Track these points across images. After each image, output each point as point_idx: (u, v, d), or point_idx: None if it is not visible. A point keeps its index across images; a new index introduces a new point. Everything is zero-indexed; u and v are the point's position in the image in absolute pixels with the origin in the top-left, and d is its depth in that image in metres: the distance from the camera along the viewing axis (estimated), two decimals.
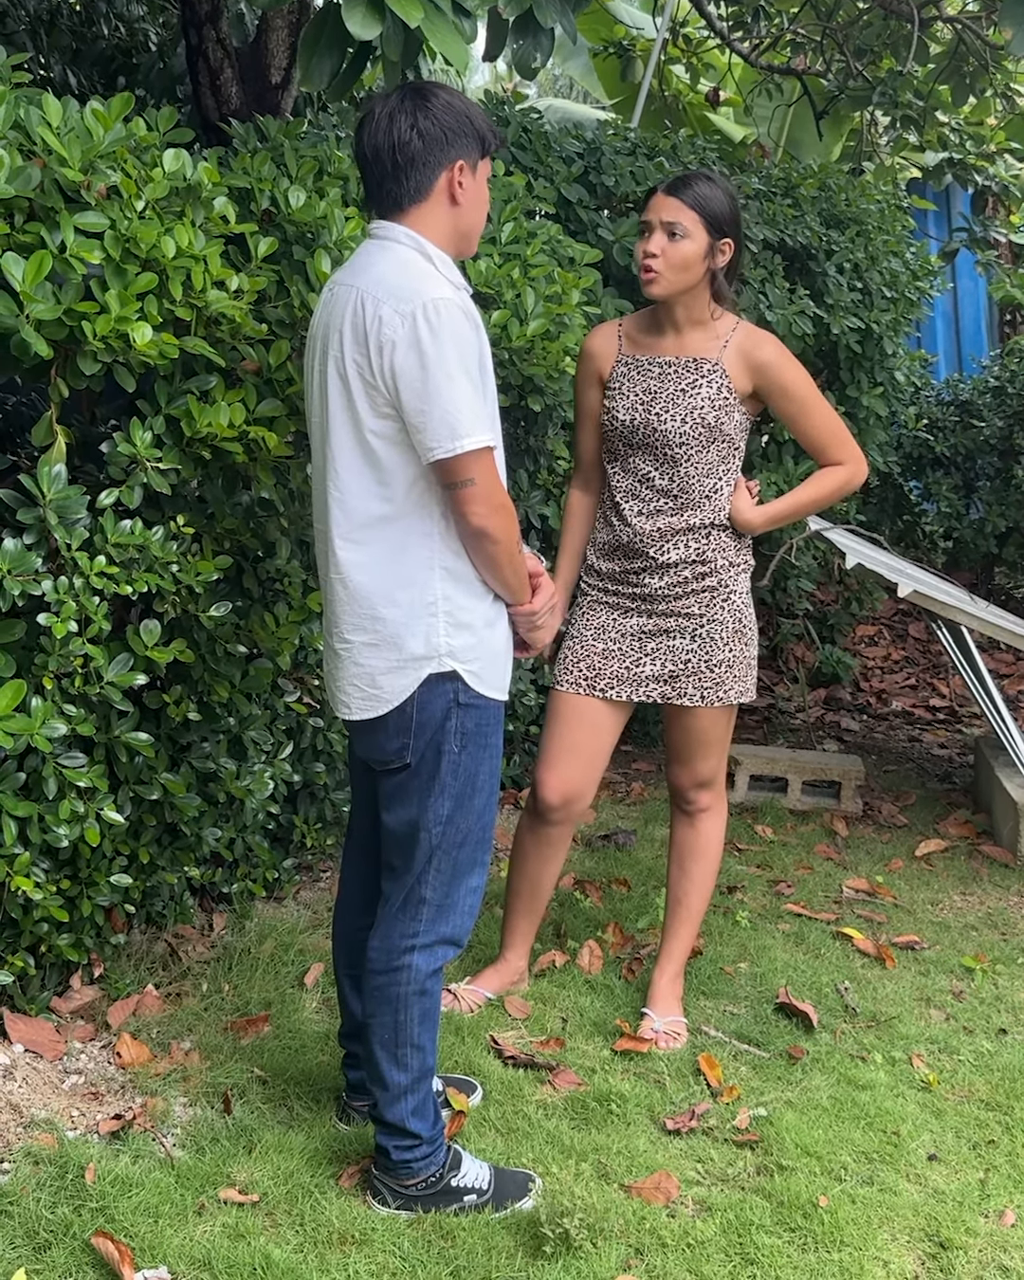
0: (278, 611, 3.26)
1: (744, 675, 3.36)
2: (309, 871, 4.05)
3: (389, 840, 2.66)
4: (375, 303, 2.43)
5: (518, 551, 2.54)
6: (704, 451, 3.23)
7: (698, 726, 3.36)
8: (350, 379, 2.46)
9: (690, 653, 3.30)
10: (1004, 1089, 3.21)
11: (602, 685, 3.33)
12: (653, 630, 3.31)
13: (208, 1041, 3.15)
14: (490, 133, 2.61)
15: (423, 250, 2.52)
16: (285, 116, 4.88)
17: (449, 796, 2.58)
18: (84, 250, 2.57)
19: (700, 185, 3.18)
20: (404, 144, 2.50)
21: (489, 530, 2.47)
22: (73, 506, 2.69)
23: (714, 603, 3.30)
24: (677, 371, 3.25)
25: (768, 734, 5.85)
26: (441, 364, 2.39)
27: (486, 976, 3.51)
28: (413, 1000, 2.63)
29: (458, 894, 2.65)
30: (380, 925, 2.66)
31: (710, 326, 3.27)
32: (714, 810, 3.47)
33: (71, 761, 2.83)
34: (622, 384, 3.29)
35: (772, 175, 5.49)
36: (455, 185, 2.54)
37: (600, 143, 4.93)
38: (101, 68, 6.35)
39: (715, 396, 3.22)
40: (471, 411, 2.42)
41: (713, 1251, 2.61)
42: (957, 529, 6.88)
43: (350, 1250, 2.54)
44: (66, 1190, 2.59)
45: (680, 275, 3.16)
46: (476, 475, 2.43)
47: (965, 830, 4.85)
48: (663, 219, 3.15)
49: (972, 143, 7.25)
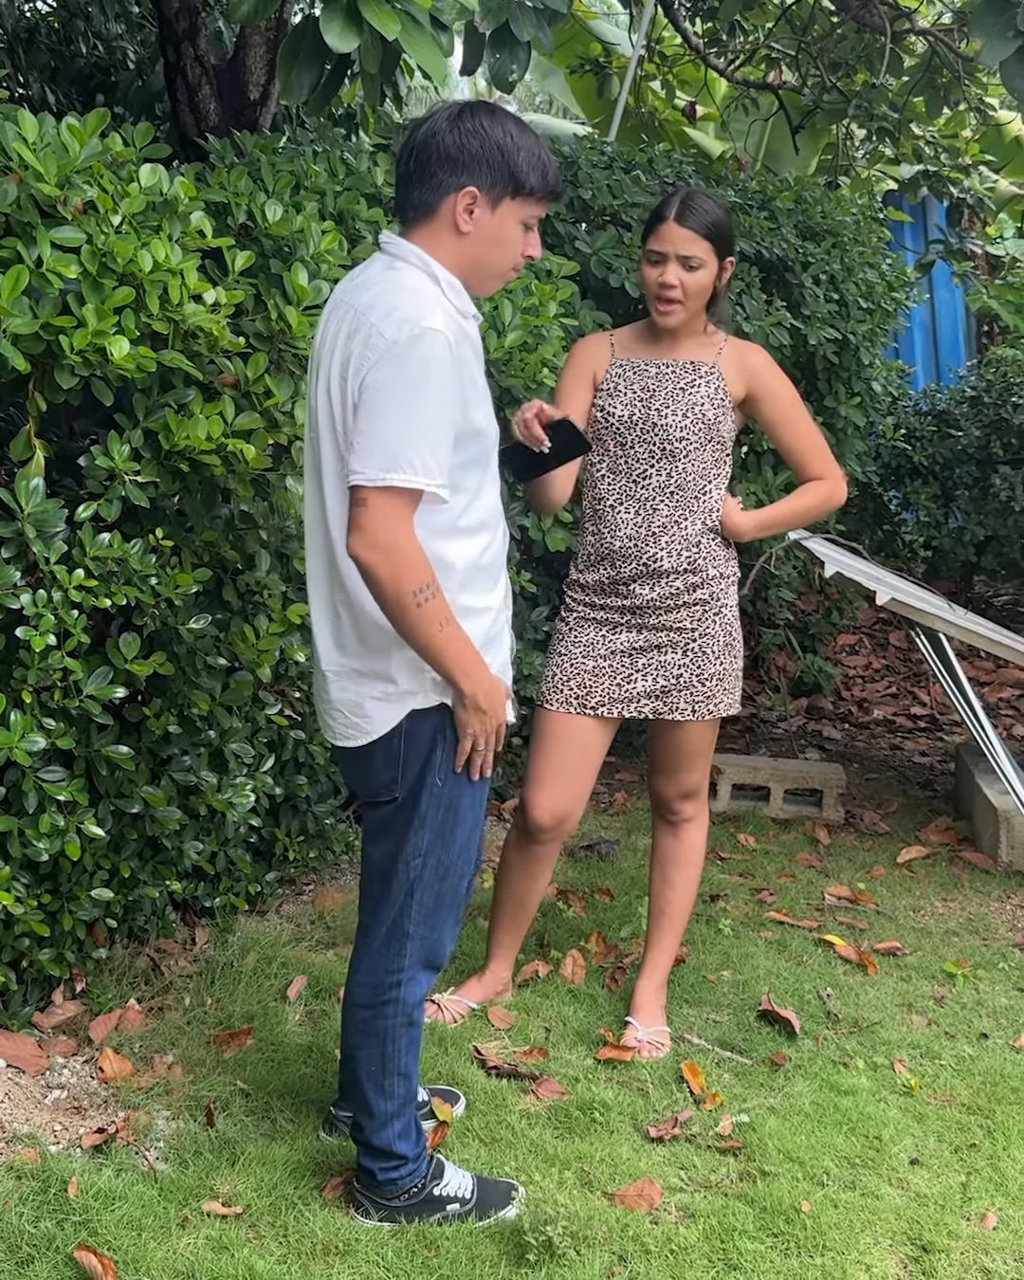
0: (258, 624, 3.26)
1: (732, 687, 3.38)
2: (292, 885, 4.05)
3: (370, 870, 2.65)
4: (368, 326, 2.36)
5: (417, 605, 2.33)
6: (702, 450, 3.24)
7: (686, 739, 3.37)
8: (334, 401, 2.41)
9: (682, 667, 3.30)
10: (986, 1093, 3.22)
11: (592, 703, 3.31)
12: (644, 646, 3.30)
13: (190, 1055, 3.15)
14: (533, 174, 2.44)
15: (430, 271, 2.43)
16: (263, 132, 4.91)
17: (430, 829, 2.55)
18: (61, 265, 2.58)
19: (705, 209, 3.16)
20: (420, 151, 2.43)
21: (362, 561, 2.32)
22: (51, 520, 2.69)
23: (706, 616, 3.30)
24: (674, 372, 3.27)
25: (750, 743, 5.87)
26: (404, 393, 2.30)
27: (470, 987, 3.51)
28: (401, 1031, 2.63)
29: (442, 927, 2.64)
30: (363, 959, 2.64)
31: (704, 338, 3.31)
32: (697, 820, 3.48)
33: (51, 775, 2.83)
34: (617, 383, 3.29)
35: (748, 188, 5.53)
36: (461, 213, 2.42)
37: (577, 156, 4.96)
38: (80, 85, 6.37)
39: (714, 395, 3.25)
40: (423, 451, 2.31)
41: (696, 1257, 2.61)
42: (936, 538, 6.92)
43: (334, 1261, 2.54)
44: (49, 1204, 2.59)
45: (697, 303, 3.21)
46: (373, 502, 2.31)
47: (947, 837, 4.87)
48: (679, 252, 3.14)
49: (947, 155, 7.31)
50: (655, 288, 3.18)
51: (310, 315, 3.05)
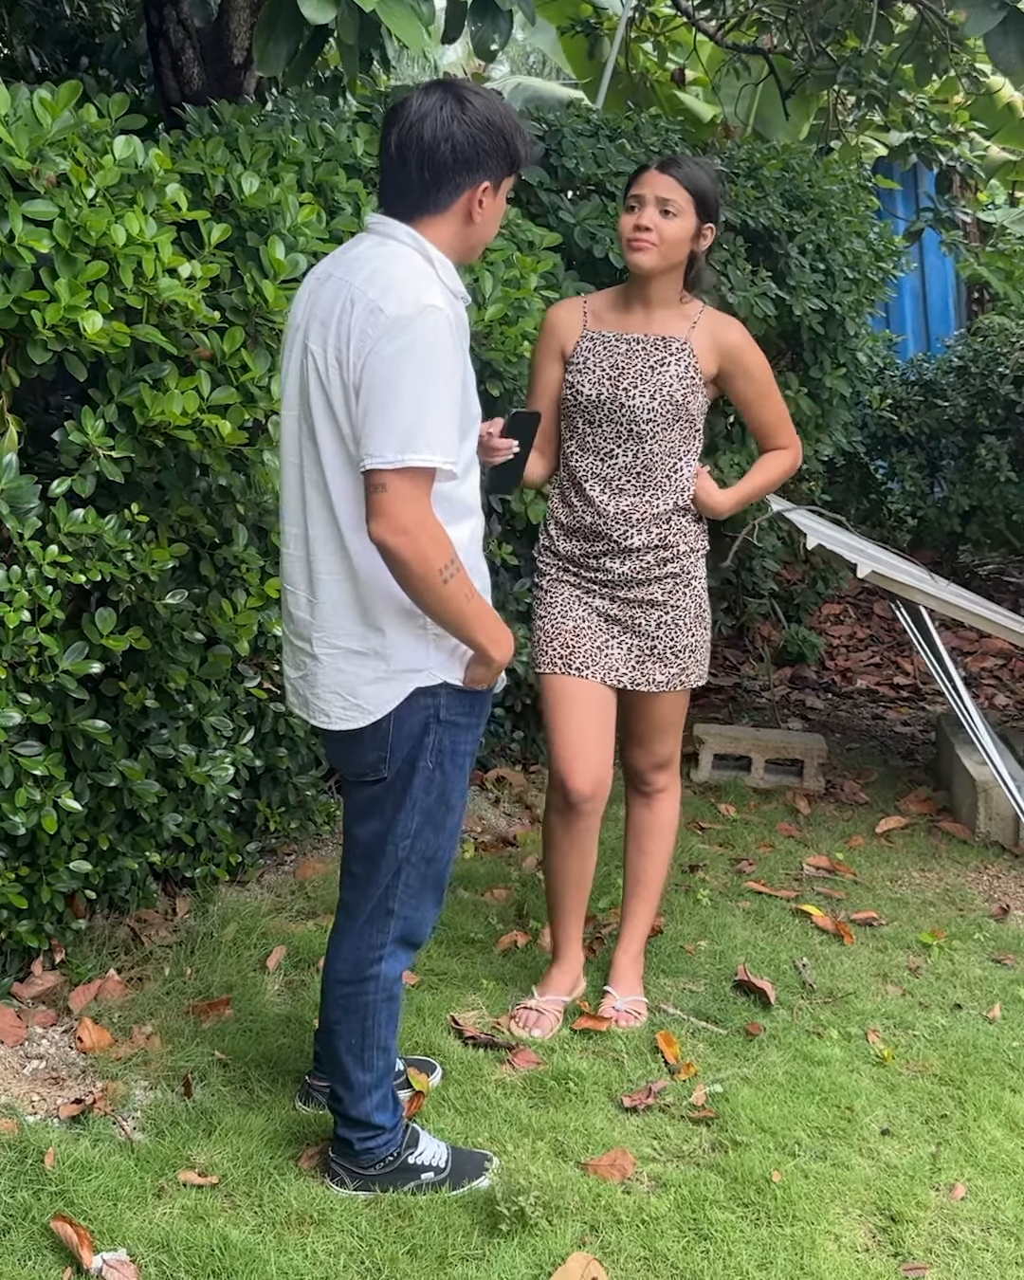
0: (236, 598, 3.26)
1: (704, 659, 3.40)
2: (273, 855, 4.07)
3: (354, 849, 2.66)
4: (367, 302, 2.34)
5: (443, 582, 2.35)
6: (670, 430, 3.24)
7: (660, 710, 3.39)
8: (330, 378, 2.38)
9: (656, 639, 3.32)
10: (958, 1064, 3.26)
11: (576, 664, 3.31)
12: (617, 616, 3.32)
13: (169, 1025, 3.17)
14: (523, 150, 2.49)
15: (424, 251, 2.42)
16: (247, 98, 4.86)
17: (420, 812, 2.57)
18: (33, 239, 2.57)
19: (692, 167, 3.19)
20: (431, 154, 2.38)
21: (388, 545, 2.32)
22: (24, 495, 2.69)
23: (677, 589, 3.31)
24: (645, 348, 3.25)
25: (733, 713, 5.89)
26: (413, 371, 2.29)
27: (556, 981, 3.43)
28: (380, 1006, 2.66)
29: (425, 907, 2.66)
30: (346, 936, 2.66)
31: (679, 308, 3.29)
32: (670, 790, 3.50)
33: (27, 750, 2.84)
34: (587, 359, 3.28)
35: (734, 156, 5.49)
36: (476, 205, 2.44)
37: (561, 124, 4.93)
38: (64, 48, 6.31)
39: (683, 375, 3.23)
40: (435, 428, 2.31)
41: (667, 1227, 2.65)
42: (921, 508, 6.92)
43: (308, 1230, 2.57)
44: (26, 1175, 2.61)
45: (671, 250, 3.16)
46: (394, 486, 2.30)
47: (926, 807, 4.90)
48: (658, 194, 3.14)
49: (936, 123, 7.26)
50: (629, 231, 3.16)
51: (287, 289, 3.03)
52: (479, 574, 2.58)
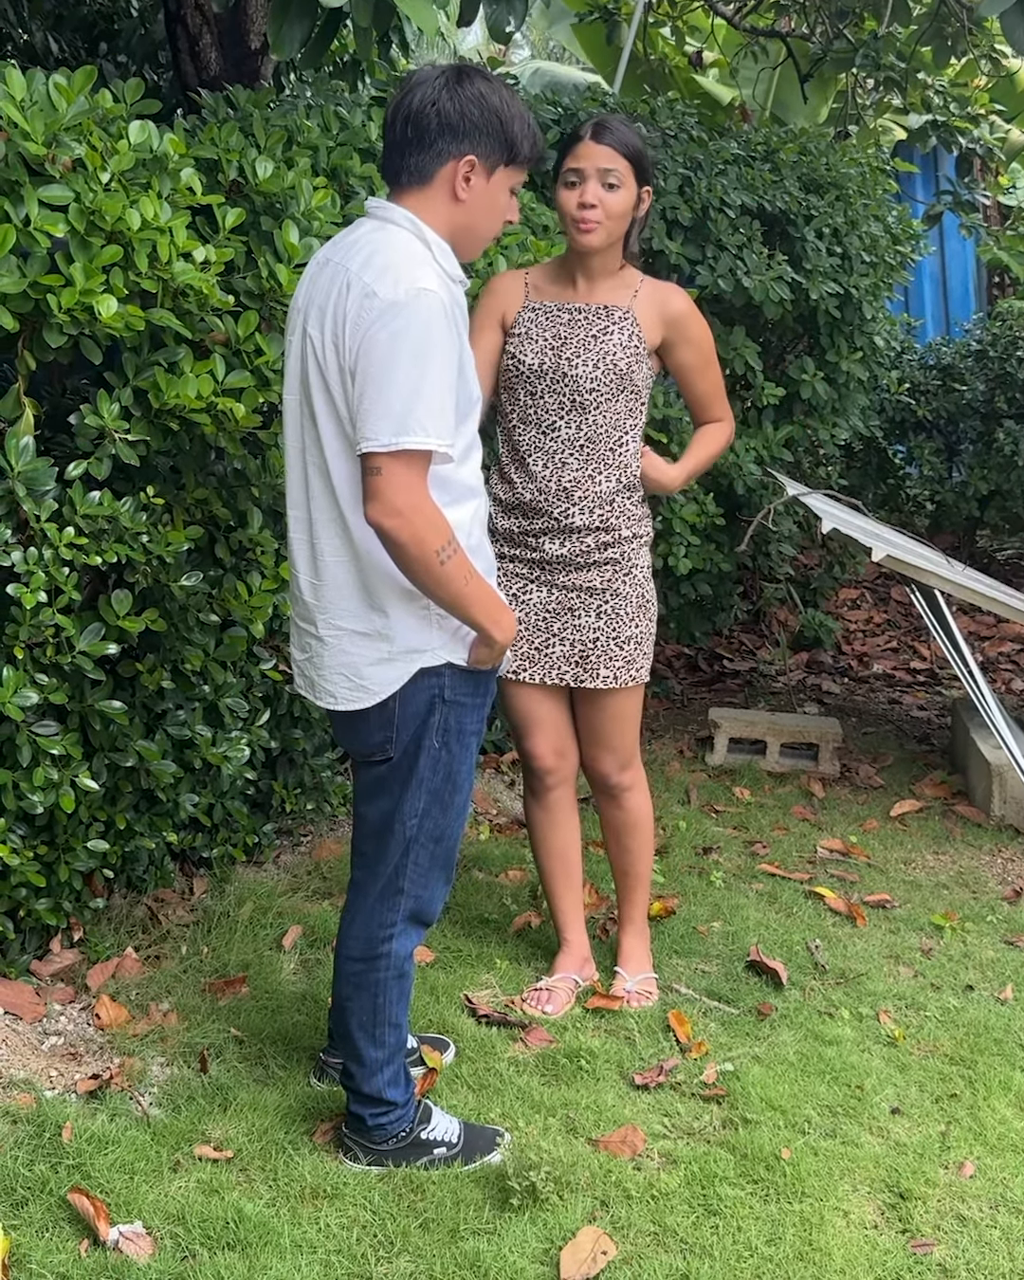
0: (251, 581, 3.29)
1: (650, 651, 3.34)
2: (289, 836, 4.11)
3: (363, 828, 2.69)
4: (362, 286, 2.36)
5: (441, 564, 2.38)
6: (614, 400, 3.17)
7: (614, 706, 3.33)
8: (327, 362, 2.41)
9: (598, 630, 3.25)
10: (968, 1044, 3.27)
11: (514, 666, 3.27)
12: (556, 609, 3.26)
13: (186, 1003, 3.21)
14: (525, 143, 2.50)
15: (421, 235, 2.45)
16: (264, 83, 4.88)
17: (427, 791, 2.59)
18: (48, 223, 2.59)
19: (623, 130, 3.11)
20: (417, 117, 2.43)
21: (384, 528, 2.34)
22: (41, 478, 2.72)
23: (617, 577, 3.25)
24: (586, 318, 3.19)
25: (749, 697, 5.90)
26: (407, 355, 2.32)
27: (564, 963, 3.46)
28: (392, 984, 2.69)
29: (434, 885, 2.69)
30: (357, 914, 2.69)
31: (619, 276, 3.23)
32: (637, 785, 3.43)
33: (44, 730, 2.88)
34: (528, 329, 3.20)
35: (751, 140, 5.48)
36: (460, 180, 2.46)
37: (576, 109, 4.93)
38: (83, 34, 6.33)
39: (627, 344, 3.17)
40: (429, 411, 2.33)
41: (677, 1203, 2.67)
42: (939, 492, 6.91)
43: (322, 1204, 2.60)
44: (44, 1148, 2.65)
45: (617, 225, 3.12)
46: (388, 469, 2.32)
47: (941, 791, 4.91)
48: (598, 165, 3.07)
49: (956, 105, 7.22)
50: (574, 209, 3.09)
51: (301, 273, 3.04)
52: (482, 555, 2.59)
